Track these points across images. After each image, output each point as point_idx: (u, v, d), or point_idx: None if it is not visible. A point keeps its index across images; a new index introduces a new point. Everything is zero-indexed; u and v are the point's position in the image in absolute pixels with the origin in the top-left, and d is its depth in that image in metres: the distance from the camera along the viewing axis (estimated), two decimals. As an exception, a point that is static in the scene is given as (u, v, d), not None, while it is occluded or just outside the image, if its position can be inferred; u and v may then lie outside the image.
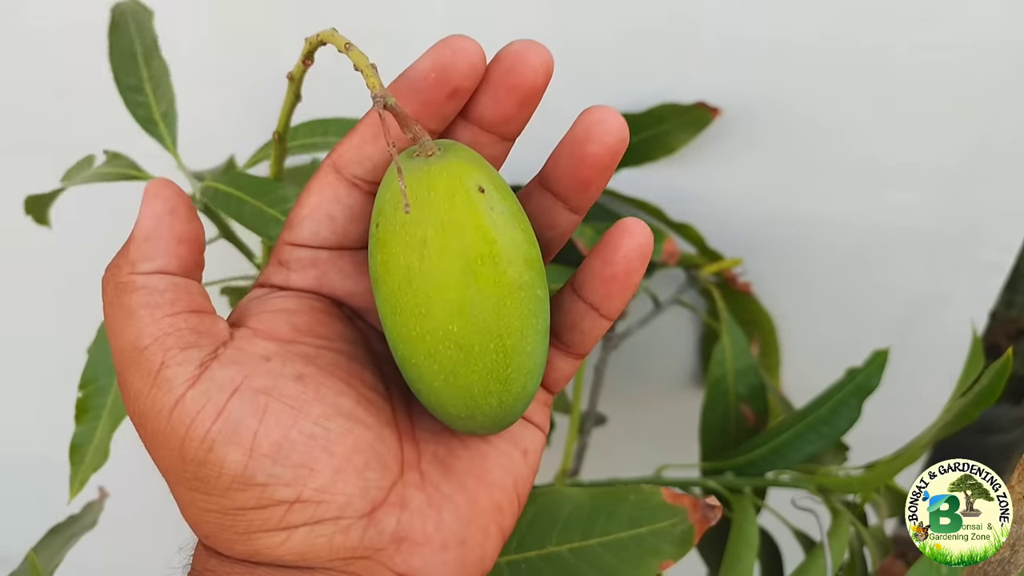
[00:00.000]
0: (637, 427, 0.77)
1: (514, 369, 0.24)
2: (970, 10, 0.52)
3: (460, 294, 0.23)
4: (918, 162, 0.59)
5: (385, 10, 0.59)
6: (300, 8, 0.61)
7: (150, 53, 0.48)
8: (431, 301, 0.23)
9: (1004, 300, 1.18)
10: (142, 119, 0.47)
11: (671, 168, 0.61)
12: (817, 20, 0.54)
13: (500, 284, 0.24)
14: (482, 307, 0.23)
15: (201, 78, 0.56)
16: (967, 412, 0.44)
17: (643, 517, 0.35)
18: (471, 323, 0.23)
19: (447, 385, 0.24)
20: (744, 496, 0.51)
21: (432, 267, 0.23)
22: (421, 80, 0.24)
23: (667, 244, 0.54)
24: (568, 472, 0.59)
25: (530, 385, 0.25)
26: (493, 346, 0.24)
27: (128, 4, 0.49)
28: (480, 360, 0.24)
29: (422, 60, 0.24)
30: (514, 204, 0.25)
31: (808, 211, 0.62)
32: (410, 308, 0.24)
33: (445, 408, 0.25)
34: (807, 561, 0.46)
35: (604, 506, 0.35)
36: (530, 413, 0.29)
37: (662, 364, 0.74)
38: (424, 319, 0.24)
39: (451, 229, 0.23)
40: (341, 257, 0.27)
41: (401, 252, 0.23)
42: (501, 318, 0.24)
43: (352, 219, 0.26)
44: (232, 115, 0.62)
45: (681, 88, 0.58)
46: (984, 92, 0.55)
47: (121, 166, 0.47)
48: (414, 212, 0.23)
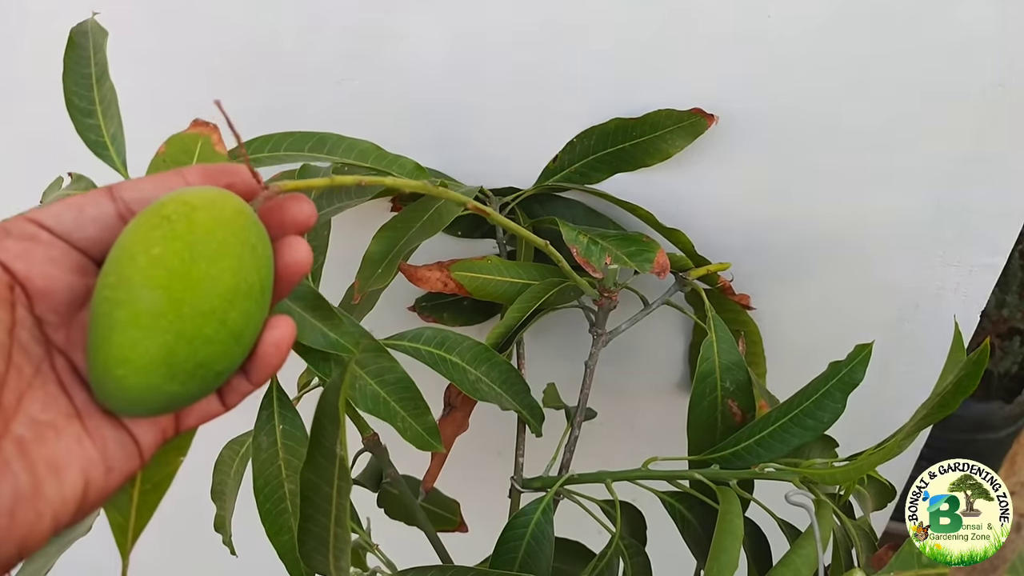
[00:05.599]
0: (626, 422, 0.78)
1: (181, 358, 0.28)
2: (963, 13, 0.53)
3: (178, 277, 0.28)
4: (910, 165, 0.60)
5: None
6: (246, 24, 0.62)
7: (102, 75, 0.48)
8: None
9: (995, 300, 1.19)
10: (92, 142, 0.48)
11: (666, 171, 0.62)
12: (812, 24, 0.55)
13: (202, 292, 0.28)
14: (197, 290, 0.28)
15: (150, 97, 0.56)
16: (946, 403, 0.45)
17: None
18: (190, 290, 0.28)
19: (142, 318, 0.28)
20: (730, 488, 0.52)
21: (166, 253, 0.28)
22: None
23: (659, 257, 0.55)
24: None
25: (161, 383, 0.28)
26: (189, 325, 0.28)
27: (89, 24, 0.49)
28: (174, 326, 0.28)
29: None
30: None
31: (801, 213, 0.63)
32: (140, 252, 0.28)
33: (117, 348, 0.28)
34: (792, 551, 0.47)
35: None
36: (140, 431, 0.31)
37: (651, 361, 0.75)
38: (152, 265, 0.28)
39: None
40: (56, 245, 0.30)
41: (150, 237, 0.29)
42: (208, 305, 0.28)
43: (95, 222, 0.30)
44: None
45: (677, 93, 0.59)
46: (976, 95, 0.56)
47: (81, 188, 0.48)
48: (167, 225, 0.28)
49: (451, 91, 0.63)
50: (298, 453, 0.46)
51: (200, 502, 0.60)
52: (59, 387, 0.29)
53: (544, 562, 0.52)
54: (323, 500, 0.35)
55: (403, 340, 0.54)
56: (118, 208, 0.30)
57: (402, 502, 0.64)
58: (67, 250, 0.30)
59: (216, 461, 0.58)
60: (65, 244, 0.30)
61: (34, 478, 0.27)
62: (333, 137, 0.51)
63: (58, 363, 0.30)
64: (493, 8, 0.59)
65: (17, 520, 0.27)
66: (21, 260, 0.29)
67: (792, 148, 0.61)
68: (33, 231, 0.29)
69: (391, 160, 0.51)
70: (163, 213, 0.28)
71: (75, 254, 0.30)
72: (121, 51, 0.51)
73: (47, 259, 0.29)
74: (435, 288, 0.58)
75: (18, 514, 0.27)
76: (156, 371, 0.28)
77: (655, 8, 0.57)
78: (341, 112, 0.65)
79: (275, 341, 0.31)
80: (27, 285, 0.29)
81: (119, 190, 0.31)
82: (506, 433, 0.63)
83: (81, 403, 0.30)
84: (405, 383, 0.49)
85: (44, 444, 0.28)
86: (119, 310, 0.28)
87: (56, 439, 0.28)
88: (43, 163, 0.54)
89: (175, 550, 0.88)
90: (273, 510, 0.46)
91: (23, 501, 0.27)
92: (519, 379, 0.55)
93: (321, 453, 0.34)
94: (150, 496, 0.39)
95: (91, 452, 0.29)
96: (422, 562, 0.51)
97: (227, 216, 0.29)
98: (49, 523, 0.28)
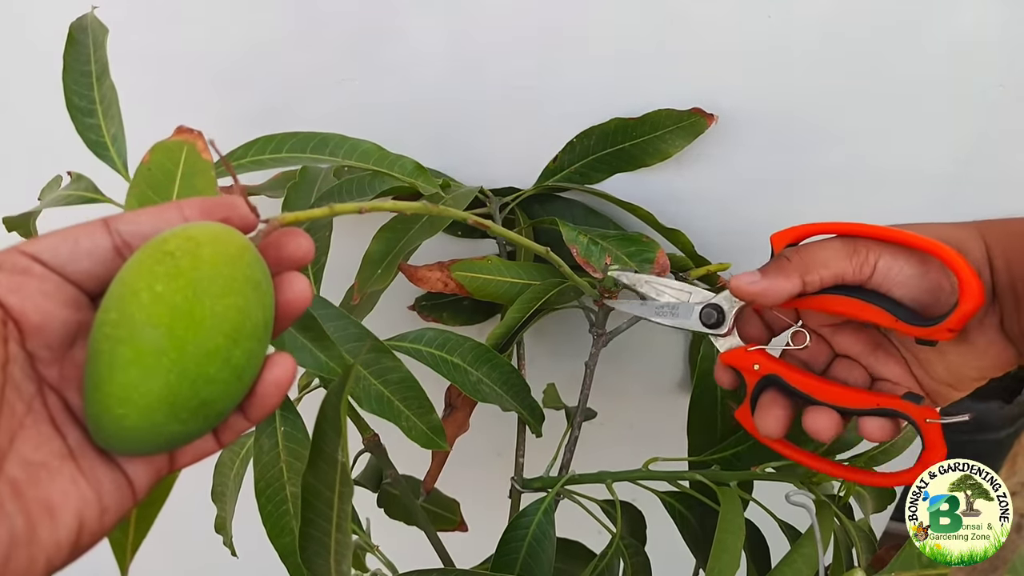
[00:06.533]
0: (626, 422, 0.78)
1: (183, 398, 0.28)
2: (963, 14, 0.53)
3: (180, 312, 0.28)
4: (914, 166, 0.60)
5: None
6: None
7: (103, 74, 0.48)
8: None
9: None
10: (92, 142, 0.47)
11: (666, 171, 0.62)
12: (815, 24, 0.55)
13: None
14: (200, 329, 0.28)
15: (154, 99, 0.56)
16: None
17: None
18: (190, 327, 0.27)
19: (145, 357, 0.27)
20: (730, 489, 0.52)
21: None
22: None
23: (659, 257, 0.55)
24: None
25: (162, 422, 0.28)
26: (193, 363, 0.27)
27: (88, 19, 0.49)
28: (177, 364, 0.27)
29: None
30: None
31: (801, 213, 0.63)
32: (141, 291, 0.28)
33: (117, 387, 0.27)
34: (793, 550, 0.47)
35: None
36: (135, 471, 0.30)
37: (651, 361, 0.75)
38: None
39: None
40: (50, 279, 0.29)
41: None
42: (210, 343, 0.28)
43: (90, 256, 0.29)
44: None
45: (677, 93, 0.59)
46: (980, 96, 0.56)
47: (81, 189, 0.47)
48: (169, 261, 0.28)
49: (451, 91, 0.63)
50: (300, 455, 0.46)
51: (200, 502, 0.60)
52: (52, 426, 0.29)
53: (546, 563, 0.52)
54: (324, 505, 0.34)
55: (405, 341, 0.54)
56: (114, 241, 0.30)
57: (402, 502, 0.64)
58: (61, 284, 0.29)
59: (216, 463, 0.58)
60: (59, 277, 0.29)
61: (29, 521, 0.26)
62: (335, 138, 0.51)
63: (50, 401, 0.29)
64: (493, 8, 0.59)
65: (10, 567, 0.26)
66: (14, 294, 0.28)
67: (792, 148, 0.61)
68: (26, 264, 0.28)
69: (393, 160, 0.50)
70: (166, 249, 0.28)
71: (69, 288, 0.29)
72: (119, 51, 0.50)
73: (41, 293, 0.28)
74: (435, 288, 0.58)
75: (12, 561, 0.26)
76: (158, 411, 0.27)
77: (655, 7, 0.57)
78: (341, 112, 0.65)
79: (275, 380, 0.31)
80: (20, 320, 0.28)
81: (115, 222, 0.30)
82: (506, 433, 0.63)
83: (75, 442, 0.29)
84: (409, 382, 0.49)
85: (38, 486, 0.27)
86: (121, 347, 0.27)
87: (50, 480, 0.27)
88: (41, 163, 0.54)
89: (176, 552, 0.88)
90: (275, 512, 0.46)
91: (18, 546, 0.26)
92: (520, 380, 0.55)
93: (323, 459, 0.34)
94: (148, 511, 0.39)
95: (86, 493, 0.28)
96: (422, 563, 0.51)
97: (232, 252, 0.29)
98: (42, 569, 0.27)
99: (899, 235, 0.40)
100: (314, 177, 0.58)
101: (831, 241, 0.43)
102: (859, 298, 0.41)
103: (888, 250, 0.41)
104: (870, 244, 0.42)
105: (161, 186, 0.39)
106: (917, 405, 0.41)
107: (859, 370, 0.45)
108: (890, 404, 0.42)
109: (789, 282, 0.42)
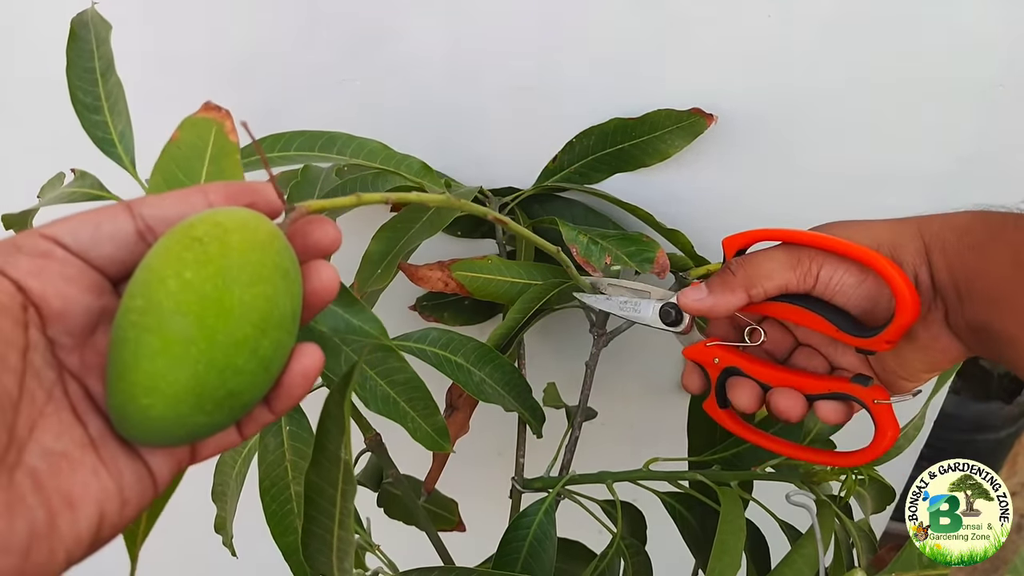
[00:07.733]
0: (626, 422, 0.78)
1: (210, 388, 0.27)
2: (963, 14, 0.53)
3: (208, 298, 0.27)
4: (911, 165, 0.60)
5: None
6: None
7: (108, 70, 0.47)
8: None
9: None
10: (99, 139, 0.46)
11: (665, 171, 0.62)
12: (815, 24, 0.55)
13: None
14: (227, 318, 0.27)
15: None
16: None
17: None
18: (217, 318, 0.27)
19: (169, 349, 0.26)
20: (731, 489, 0.52)
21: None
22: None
23: (659, 256, 0.55)
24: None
25: (188, 413, 0.27)
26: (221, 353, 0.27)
27: (89, 14, 0.48)
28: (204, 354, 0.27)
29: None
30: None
31: (801, 213, 0.63)
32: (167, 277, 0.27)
33: (142, 377, 0.26)
34: (794, 550, 0.47)
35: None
36: (157, 462, 0.29)
37: (651, 361, 0.75)
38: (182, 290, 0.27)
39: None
40: (72, 263, 0.28)
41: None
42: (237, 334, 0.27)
43: (112, 240, 0.28)
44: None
45: (676, 93, 0.59)
46: (980, 96, 0.56)
47: (86, 186, 0.47)
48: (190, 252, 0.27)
49: (451, 92, 0.63)
50: (305, 454, 0.46)
51: (199, 502, 0.60)
52: (73, 415, 0.28)
53: (547, 562, 0.52)
54: (327, 503, 0.34)
55: (408, 341, 0.54)
56: (137, 225, 0.29)
57: (402, 502, 0.64)
58: (83, 268, 0.28)
59: (217, 462, 0.58)
60: (81, 262, 0.28)
61: (49, 514, 0.26)
62: (342, 137, 0.51)
63: (71, 388, 0.28)
64: (493, 9, 0.59)
65: (31, 560, 0.25)
66: (35, 278, 0.27)
67: (792, 148, 0.61)
68: (47, 247, 0.28)
69: (399, 160, 0.50)
70: (194, 235, 0.27)
71: (92, 273, 0.28)
72: (120, 51, 0.50)
73: (63, 277, 0.27)
74: (436, 288, 0.58)
75: (33, 554, 0.25)
76: (184, 401, 0.27)
77: (655, 8, 0.57)
78: (342, 112, 0.65)
79: (303, 370, 0.30)
80: (41, 305, 0.27)
81: (138, 206, 0.29)
82: (506, 433, 0.63)
83: (96, 432, 0.28)
84: (415, 383, 0.48)
85: (59, 476, 0.26)
86: (148, 336, 0.26)
87: (71, 471, 0.27)
88: (41, 162, 0.54)
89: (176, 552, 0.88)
90: (279, 511, 0.46)
91: (39, 540, 0.25)
92: (522, 381, 0.55)
93: (325, 457, 0.34)
94: (158, 500, 0.39)
95: (107, 484, 0.27)
96: (422, 562, 0.51)
97: (261, 239, 0.28)
98: (62, 562, 0.26)
99: (838, 245, 0.41)
100: (316, 176, 0.58)
101: (776, 251, 0.44)
102: (803, 306, 0.43)
103: (830, 260, 0.42)
104: (813, 254, 0.42)
105: (189, 165, 0.37)
106: (865, 387, 0.43)
107: (819, 358, 0.46)
108: (840, 388, 0.43)
109: (735, 296, 0.43)
